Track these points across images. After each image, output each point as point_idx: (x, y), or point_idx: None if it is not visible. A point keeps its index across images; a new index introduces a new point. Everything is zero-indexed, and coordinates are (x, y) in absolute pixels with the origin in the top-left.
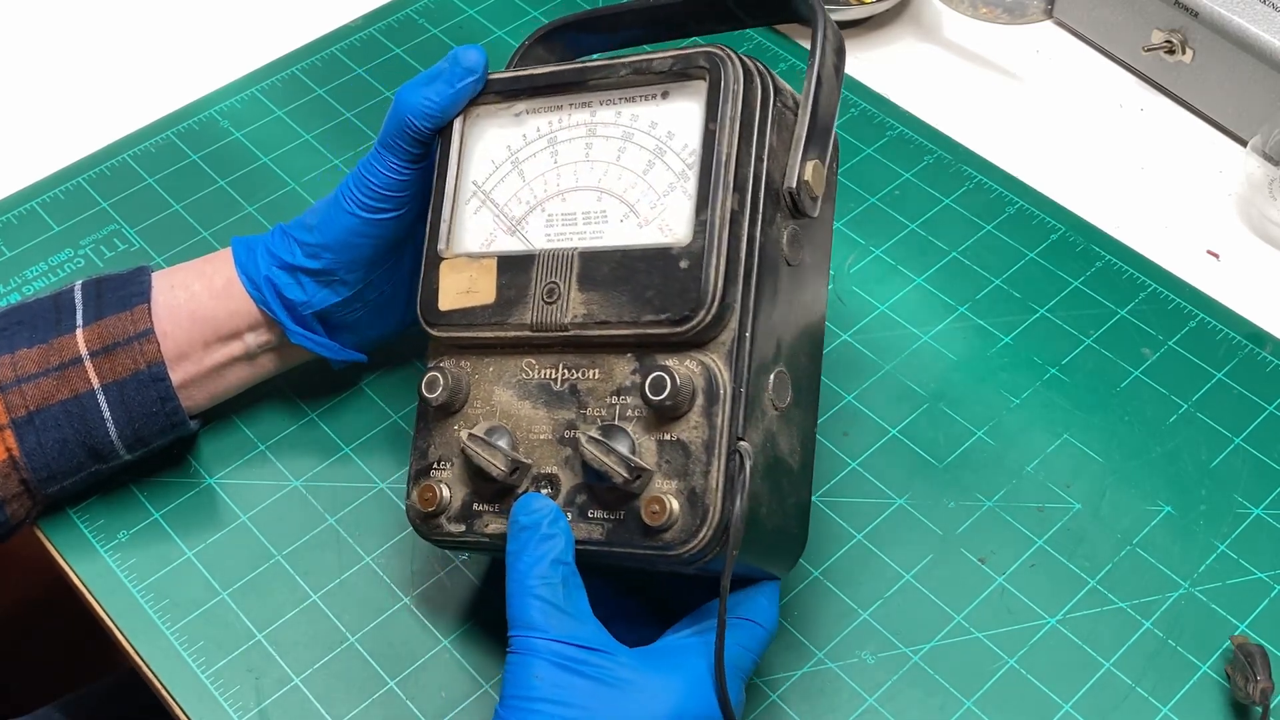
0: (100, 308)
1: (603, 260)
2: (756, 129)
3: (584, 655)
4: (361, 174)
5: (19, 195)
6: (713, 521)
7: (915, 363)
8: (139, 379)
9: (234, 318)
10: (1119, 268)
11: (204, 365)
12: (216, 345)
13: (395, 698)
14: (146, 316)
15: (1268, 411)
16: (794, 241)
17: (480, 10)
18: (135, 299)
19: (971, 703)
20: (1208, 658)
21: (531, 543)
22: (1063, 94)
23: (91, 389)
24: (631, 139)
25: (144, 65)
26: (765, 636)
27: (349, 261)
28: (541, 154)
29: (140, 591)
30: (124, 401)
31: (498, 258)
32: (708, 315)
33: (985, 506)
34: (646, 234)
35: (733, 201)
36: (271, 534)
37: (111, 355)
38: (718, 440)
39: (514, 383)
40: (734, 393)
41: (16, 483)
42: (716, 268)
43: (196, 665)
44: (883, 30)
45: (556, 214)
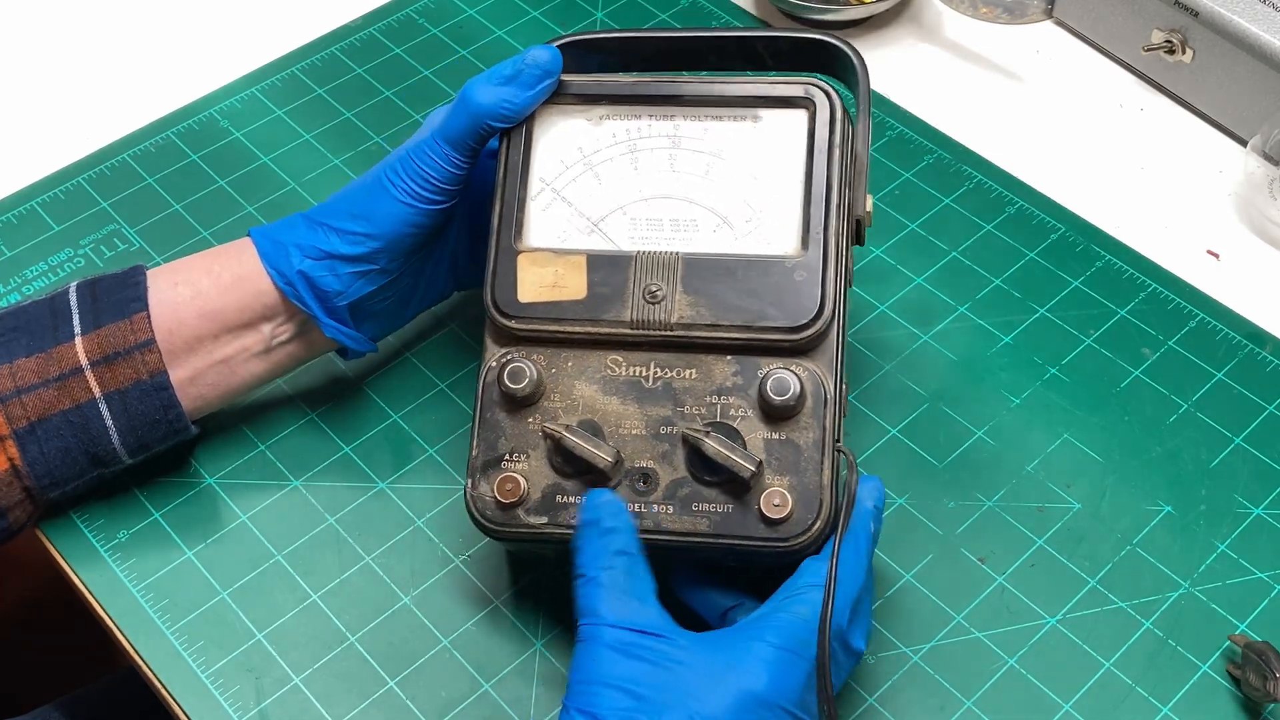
0: (98, 314)
1: (709, 266)
2: (844, 159)
3: (646, 640)
4: (415, 164)
5: (19, 195)
6: (825, 514)
7: (915, 363)
8: (141, 388)
9: (246, 310)
10: (1119, 268)
11: (213, 358)
12: (227, 338)
13: (395, 698)
14: (146, 325)
15: (1268, 411)
16: (849, 264)
17: (480, 10)
18: (133, 305)
19: (971, 703)
20: (1208, 658)
21: (594, 535)
22: (1063, 94)
23: (93, 398)
24: (721, 156)
25: (144, 65)
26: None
27: (394, 250)
28: (620, 159)
29: (140, 591)
30: (126, 410)
31: (587, 255)
32: (823, 324)
33: (985, 506)
34: (747, 245)
35: (837, 222)
36: (271, 534)
37: (112, 365)
38: (826, 440)
39: (598, 378)
40: (837, 397)
41: (19, 490)
42: (831, 279)
43: (196, 665)
44: (883, 30)
45: (641, 218)
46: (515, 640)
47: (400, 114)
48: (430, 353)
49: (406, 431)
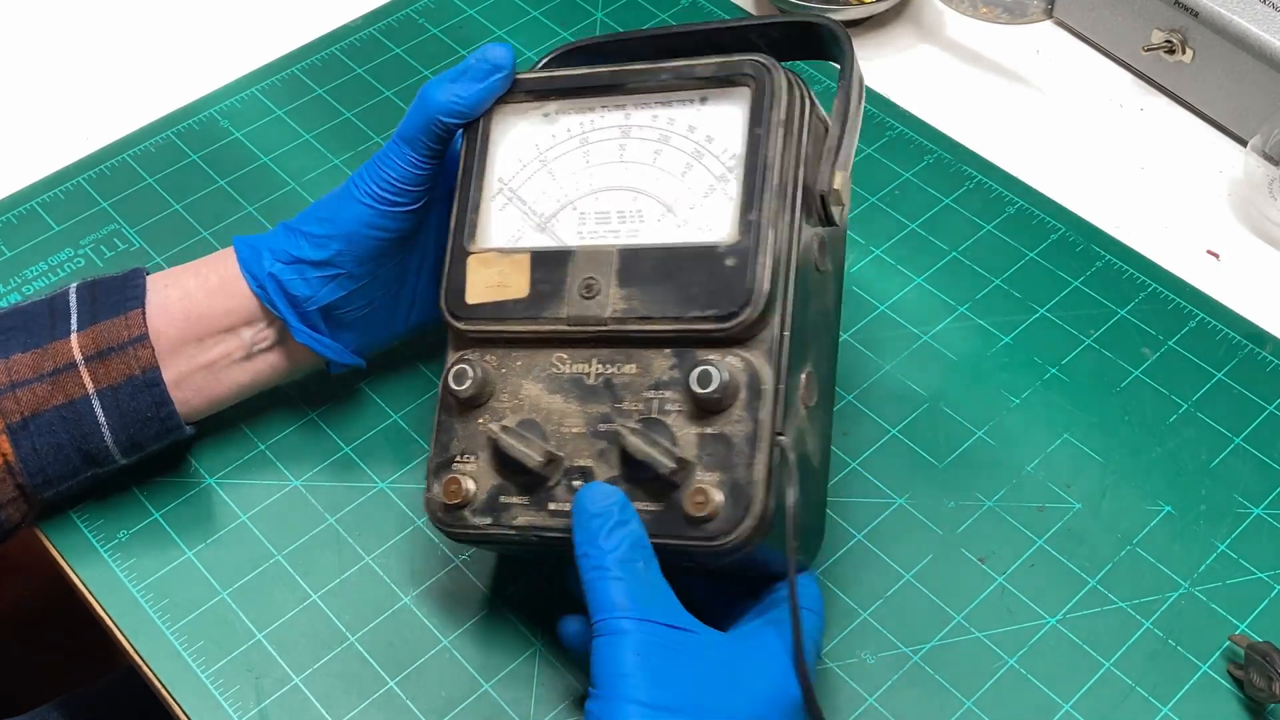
0: (95, 312)
1: (644, 257)
2: (795, 136)
3: (677, 635)
4: (377, 166)
5: (19, 195)
6: (756, 512)
7: (915, 363)
8: (133, 384)
9: (229, 315)
10: (1119, 268)
11: (198, 362)
12: (210, 341)
13: (395, 698)
14: (141, 321)
15: (1268, 411)
16: (821, 248)
17: (480, 10)
18: (129, 303)
19: (971, 703)
20: (1208, 658)
21: (605, 529)
22: (1063, 94)
23: (86, 394)
24: (669, 141)
25: (144, 65)
26: (820, 623)
27: (357, 254)
28: (573, 153)
29: (140, 591)
30: (119, 407)
31: (531, 253)
32: (754, 312)
33: (985, 506)
34: (686, 233)
35: (776, 204)
36: (271, 534)
37: (106, 361)
38: (761, 434)
39: (544, 377)
40: (775, 388)
41: (12, 487)
42: (764, 265)
43: (196, 665)
44: (883, 30)
45: (589, 212)
46: (515, 640)
47: (400, 114)
48: (430, 353)
49: (406, 431)
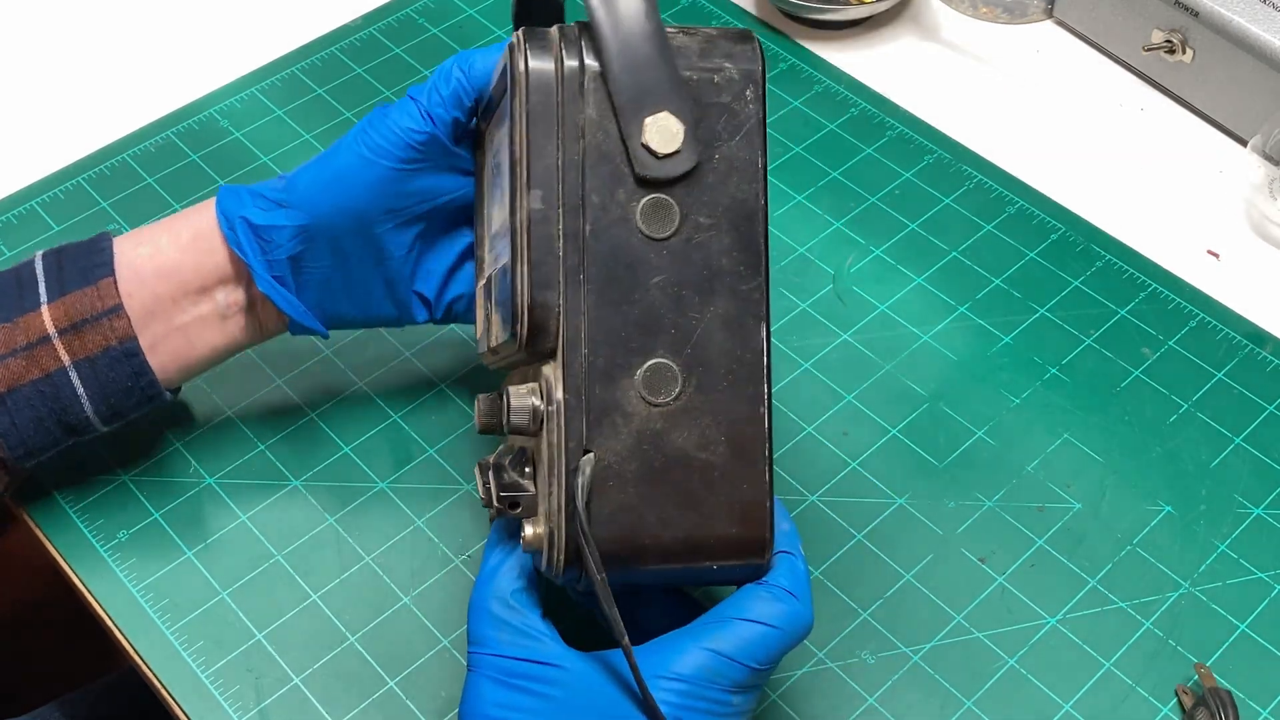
0: (63, 281)
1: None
2: (559, 110)
3: (526, 669)
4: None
5: (19, 195)
6: (559, 544)
7: (915, 363)
8: (111, 355)
9: (200, 272)
10: (1119, 268)
11: (172, 325)
12: (185, 302)
13: (395, 698)
14: (113, 291)
15: (1268, 411)
16: (657, 213)
17: (480, 10)
18: (99, 270)
19: (971, 703)
20: (1208, 658)
21: (488, 563)
22: (1063, 94)
23: (63, 367)
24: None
25: (144, 65)
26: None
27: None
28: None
29: (140, 591)
30: (97, 377)
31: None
32: (523, 328)
33: (985, 506)
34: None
35: (532, 200)
36: (271, 534)
37: (80, 333)
38: (552, 456)
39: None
40: (566, 403)
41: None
42: (521, 274)
43: (196, 665)
44: (883, 30)
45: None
46: None
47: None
48: (430, 353)
49: (406, 431)
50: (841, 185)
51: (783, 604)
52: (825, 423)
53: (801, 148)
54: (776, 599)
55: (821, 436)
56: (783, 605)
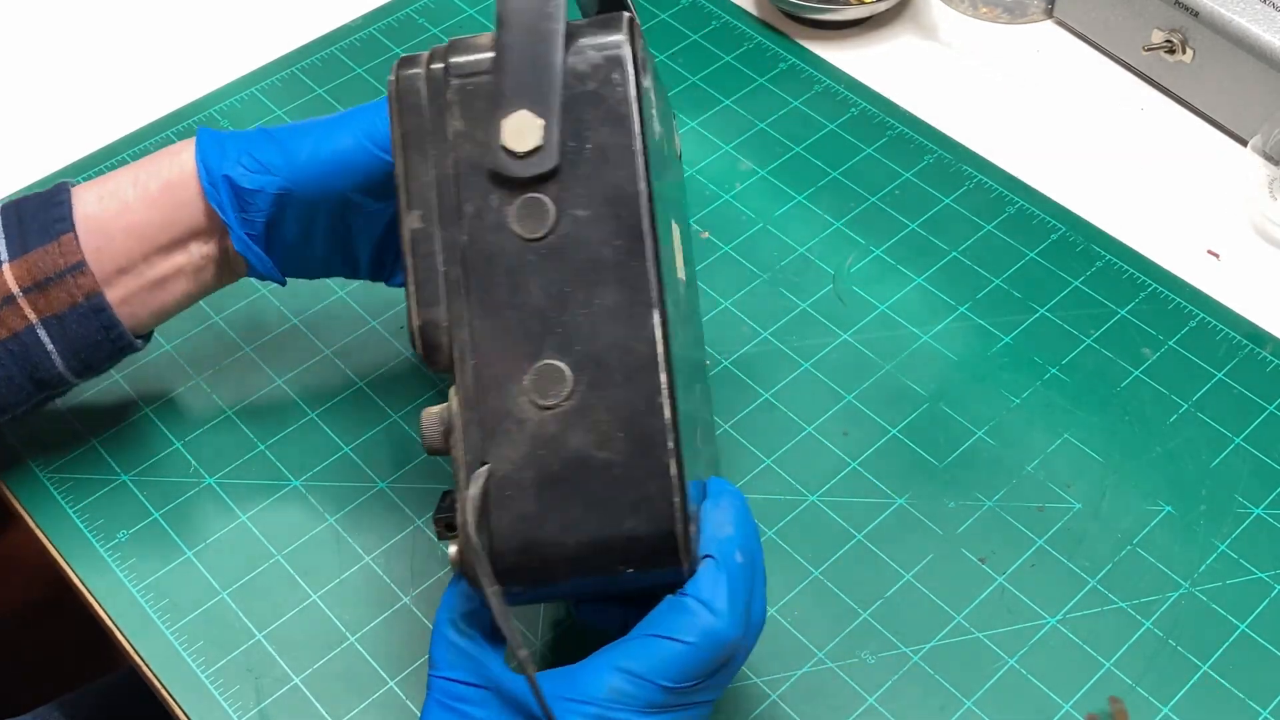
0: (24, 237)
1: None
2: (429, 125)
3: (462, 691)
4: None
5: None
6: (470, 559)
7: (915, 363)
8: (78, 311)
9: (172, 226)
10: (1119, 268)
11: (146, 278)
12: (157, 257)
13: (395, 698)
14: (75, 247)
15: (1268, 411)
16: (531, 214)
17: (480, 10)
18: (58, 225)
19: (971, 703)
20: (1208, 658)
21: (450, 585)
22: (1063, 94)
23: (30, 324)
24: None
25: (144, 65)
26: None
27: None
28: None
29: (140, 591)
30: (65, 334)
31: None
32: (418, 347)
33: (985, 506)
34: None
35: (411, 220)
36: (271, 534)
37: (45, 291)
38: (460, 473)
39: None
40: (463, 417)
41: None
42: (412, 296)
43: (196, 665)
44: (883, 30)
45: None
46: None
47: None
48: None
49: (406, 431)
50: (841, 185)
51: (693, 617)
52: (825, 423)
53: (801, 148)
54: (687, 611)
55: (821, 436)
56: (692, 619)
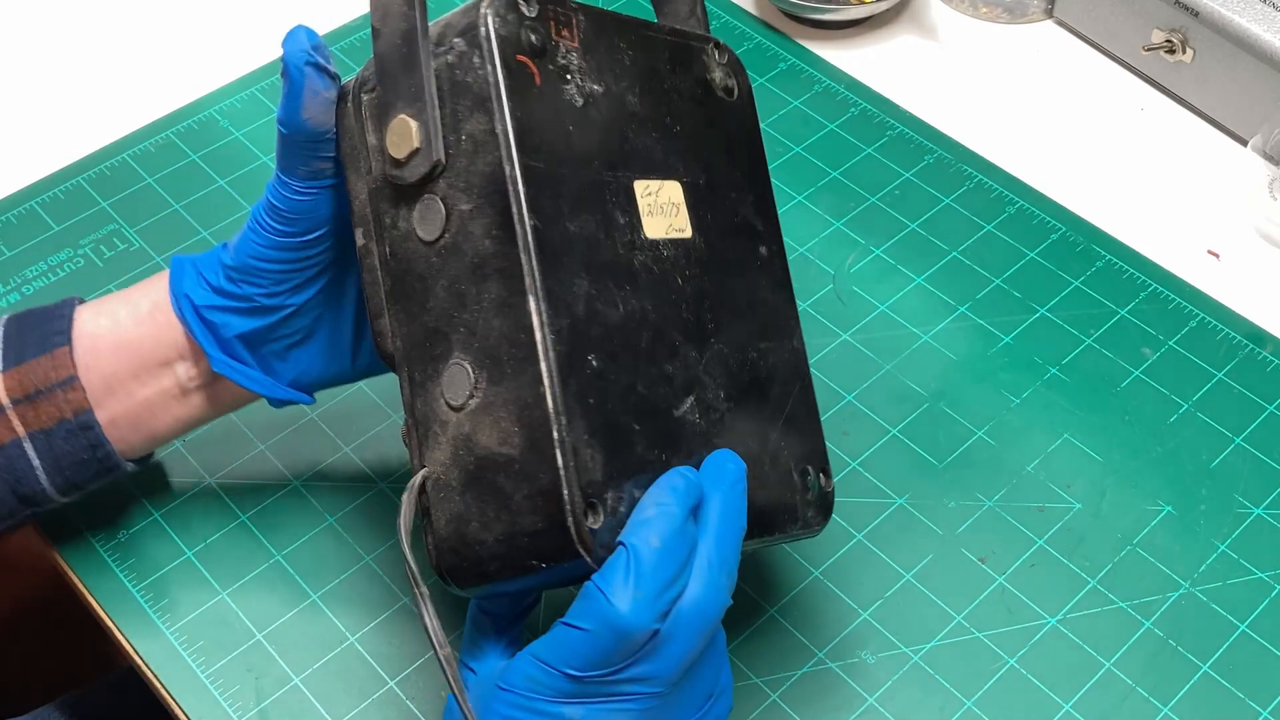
0: (21, 349)
1: None
2: (359, 142)
3: (465, 675)
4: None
5: (19, 195)
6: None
7: (915, 363)
8: (66, 428)
9: (160, 346)
10: (1119, 268)
11: (134, 400)
12: (145, 377)
13: (395, 698)
14: (68, 361)
15: (1268, 411)
16: (427, 217)
17: None
18: (55, 339)
19: (971, 703)
20: (1208, 658)
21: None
22: (1063, 94)
23: (17, 438)
24: None
25: (144, 65)
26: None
27: (264, 286)
28: None
29: (140, 591)
30: (52, 450)
31: None
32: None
33: (985, 506)
34: None
35: (357, 238)
36: (271, 534)
37: (35, 403)
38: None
39: None
40: (407, 425)
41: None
42: (368, 310)
43: (196, 665)
44: (883, 30)
45: None
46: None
47: None
48: None
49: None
50: (841, 185)
51: (589, 603)
52: (825, 423)
53: (801, 148)
54: (585, 596)
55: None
56: (589, 604)
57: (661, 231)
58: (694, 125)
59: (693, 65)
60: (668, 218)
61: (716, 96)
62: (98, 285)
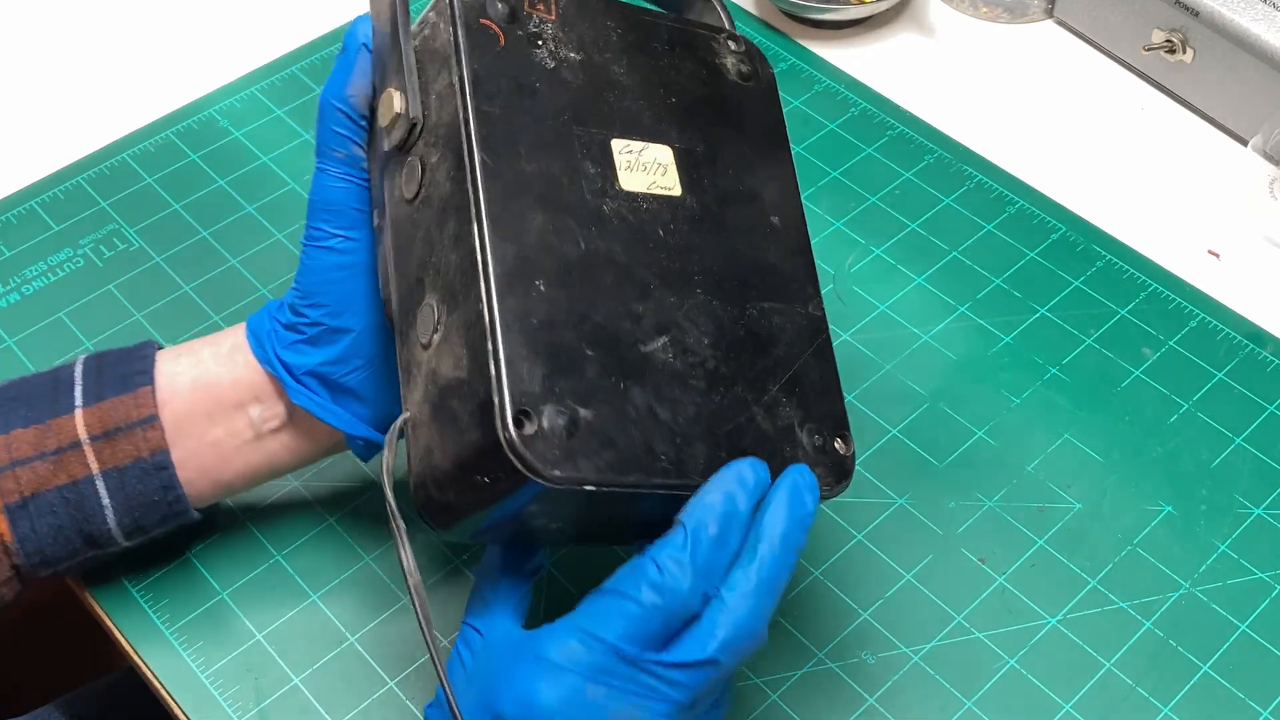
0: (101, 386)
1: None
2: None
3: (470, 635)
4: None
5: (19, 195)
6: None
7: (915, 363)
8: (141, 467)
9: (237, 386)
10: (1119, 267)
11: (205, 440)
12: (219, 416)
13: (395, 698)
14: (150, 400)
15: (1268, 411)
16: (410, 177)
17: None
18: (138, 378)
19: (972, 703)
20: (1208, 658)
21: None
22: (1063, 94)
23: (90, 474)
24: None
25: (144, 65)
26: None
27: (328, 303)
28: None
29: (140, 591)
30: (124, 489)
31: None
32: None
33: (985, 506)
34: None
35: (375, 218)
36: (271, 534)
37: (112, 440)
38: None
39: None
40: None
41: (7, 568)
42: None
43: (196, 665)
44: (883, 30)
45: None
46: None
47: None
48: None
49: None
50: (841, 185)
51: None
52: None
53: (801, 148)
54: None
55: None
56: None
57: (641, 186)
58: (695, 101)
59: (697, 49)
60: (651, 175)
61: (729, 80)
62: (98, 285)
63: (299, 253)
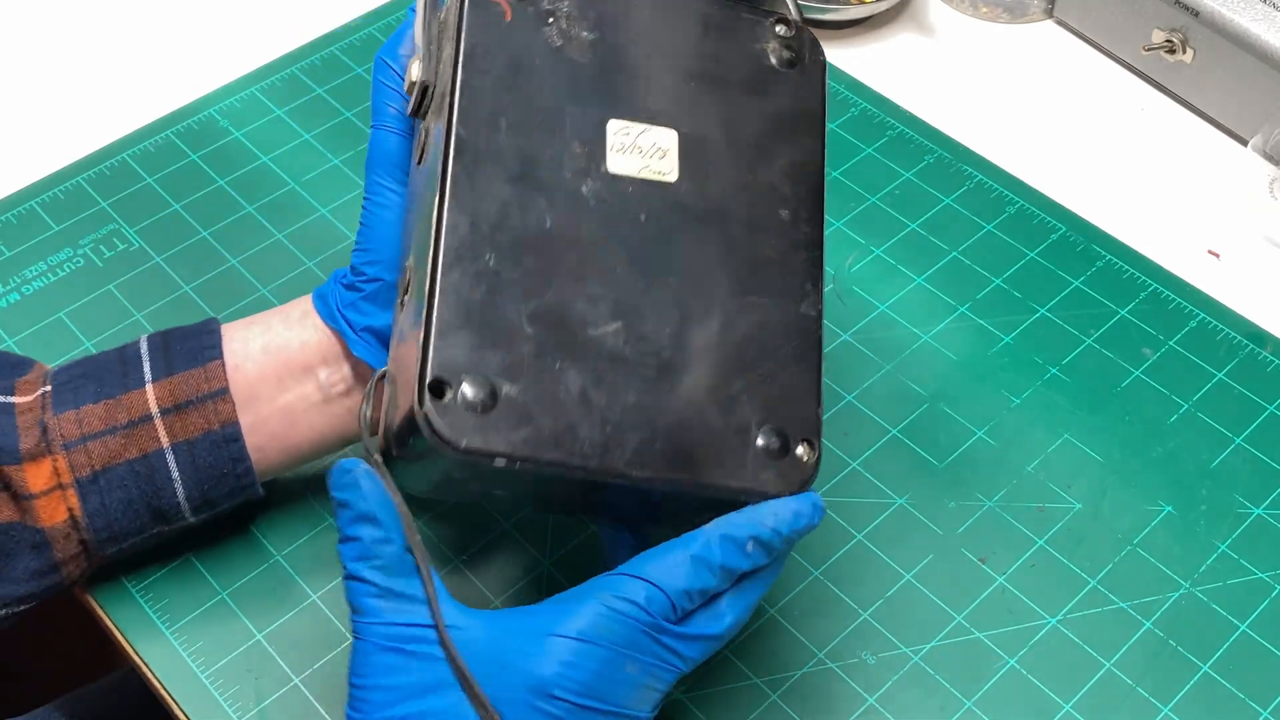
0: (170, 361)
1: None
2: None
3: (421, 633)
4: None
5: (19, 195)
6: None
7: (915, 363)
8: (211, 439)
9: (305, 349)
10: (1119, 268)
11: (275, 405)
12: (289, 381)
13: None
14: (221, 374)
15: (1268, 411)
16: (418, 138)
17: None
18: (208, 353)
19: (972, 703)
20: (1208, 658)
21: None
22: (1063, 94)
23: (160, 448)
24: None
25: (144, 65)
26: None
27: (388, 260)
28: None
29: (140, 591)
30: (194, 462)
31: None
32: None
33: (985, 506)
34: None
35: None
36: (271, 534)
37: (183, 413)
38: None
39: None
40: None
41: (76, 543)
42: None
43: (196, 665)
44: (883, 30)
45: None
46: None
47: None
48: None
49: None
50: (841, 185)
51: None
52: (825, 423)
53: None
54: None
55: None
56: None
57: (631, 170)
58: (720, 86)
59: (739, 33)
60: (646, 159)
61: (766, 66)
62: (98, 285)
63: (299, 252)
